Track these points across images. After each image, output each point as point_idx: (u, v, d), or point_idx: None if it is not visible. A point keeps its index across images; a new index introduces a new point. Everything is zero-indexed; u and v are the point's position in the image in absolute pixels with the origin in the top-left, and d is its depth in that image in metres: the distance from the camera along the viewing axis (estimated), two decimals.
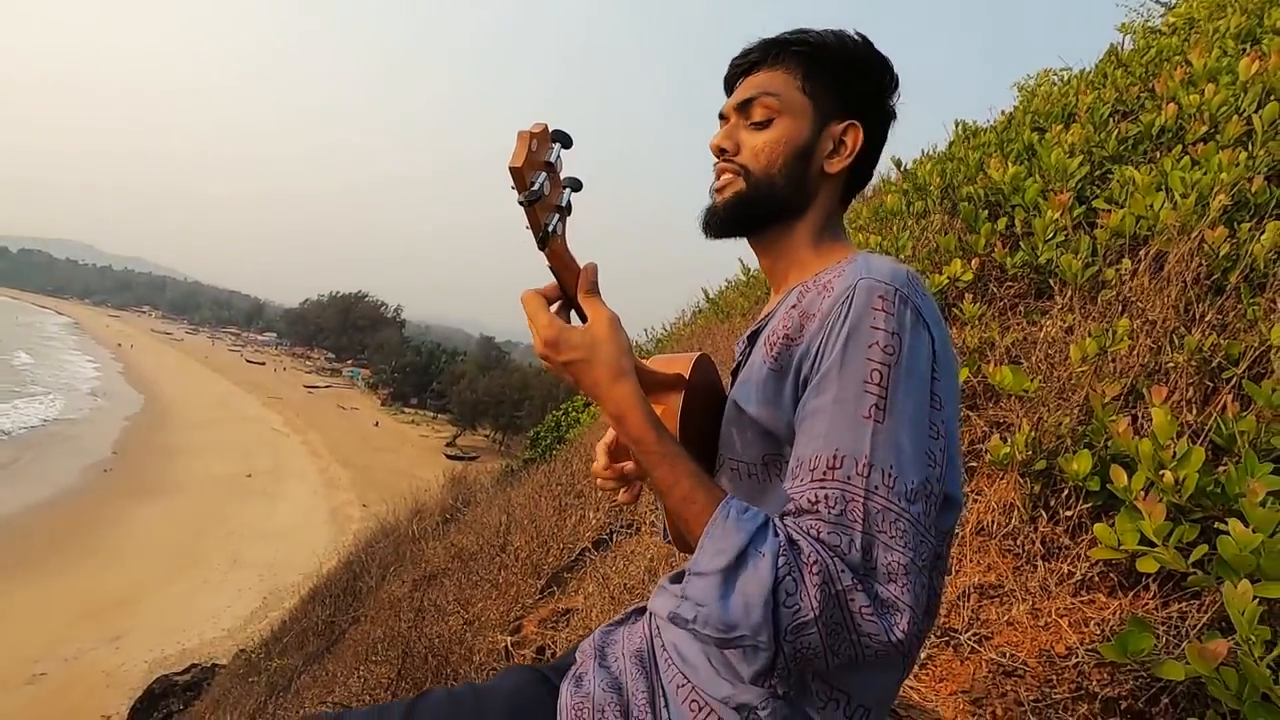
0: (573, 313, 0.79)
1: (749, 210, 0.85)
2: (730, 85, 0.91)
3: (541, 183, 0.68)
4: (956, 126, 4.68)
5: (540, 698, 0.87)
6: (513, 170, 0.66)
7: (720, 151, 0.86)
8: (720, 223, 0.87)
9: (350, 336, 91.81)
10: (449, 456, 39.81)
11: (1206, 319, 1.81)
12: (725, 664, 0.77)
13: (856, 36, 0.85)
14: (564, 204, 0.73)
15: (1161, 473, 1.38)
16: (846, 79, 0.84)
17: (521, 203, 0.68)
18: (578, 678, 0.88)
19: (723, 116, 0.89)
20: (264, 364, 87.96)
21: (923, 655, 1.59)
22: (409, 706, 0.85)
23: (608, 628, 0.99)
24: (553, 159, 0.70)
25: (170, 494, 28.37)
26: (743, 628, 0.65)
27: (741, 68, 0.89)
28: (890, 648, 0.65)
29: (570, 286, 0.77)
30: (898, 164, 4.49)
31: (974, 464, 2.04)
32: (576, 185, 0.74)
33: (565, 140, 0.71)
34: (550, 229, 0.71)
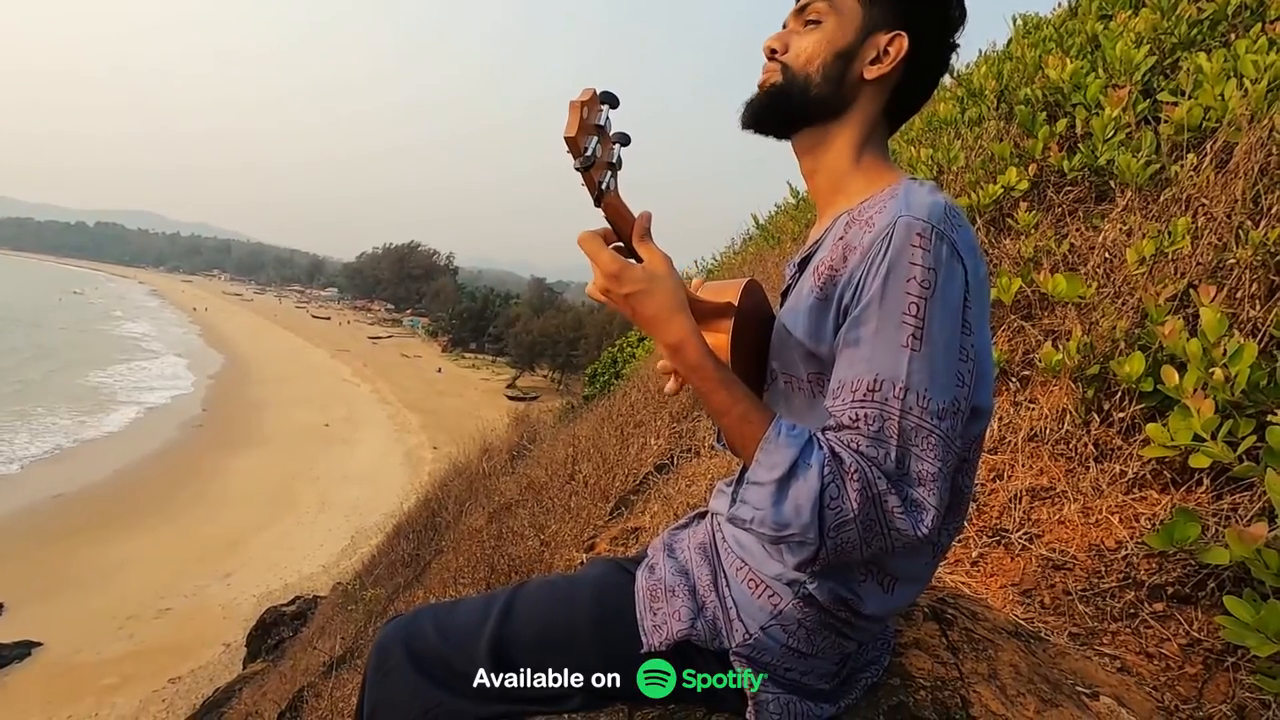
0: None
1: (782, 103, 0.88)
2: None
3: (594, 147, 0.74)
4: (1015, 21, 4.41)
5: (621, 583, 1.00)
6: (568, 140, 0.71)
7: (771, 53, 0.90)
8: (756, 113, 0.90)
9: (407, 287, 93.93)
10: (510, 398, 40.93)
11: (1273, 211, 1.75)
12: (777, 549, 0.89)
13: None
14: (615, 160, 0.78)
15: (1211, 370, 1.39)
16: None
17: (577, 168, 0.74)
18: (650, 566, 1.01)
19: (785, 25, 0.92)
20: (329, 318, 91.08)
21: (974, 554, 1.67)
22: (513, 591, 0.99)
23: (673, 529, 1.11)
24: (602, 121, 0.75)
25: (258, 445, 30.28)
26: (793, 527, 0.76)
27: None
28: (917, 540, 0.75)
29: (626, 234, 0.83)
30: (949, 70, 4.28)
31: (1027, 373, 2.06)
32: (625, 140, 0.79)
33: (612, 101, 0.76)
34: (604, 187, 0.77)
